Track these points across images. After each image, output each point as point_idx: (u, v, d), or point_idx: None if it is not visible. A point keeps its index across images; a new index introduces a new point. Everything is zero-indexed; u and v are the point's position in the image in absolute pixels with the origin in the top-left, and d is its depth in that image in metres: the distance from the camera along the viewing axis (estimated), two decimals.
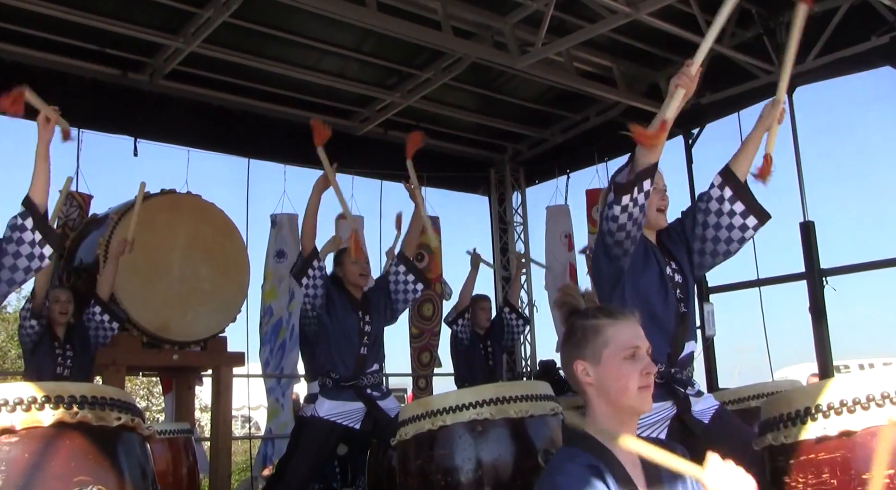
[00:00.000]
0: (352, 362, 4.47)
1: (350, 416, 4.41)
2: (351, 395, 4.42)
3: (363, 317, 4.57)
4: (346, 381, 4.43)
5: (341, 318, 4.52)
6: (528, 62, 6.50)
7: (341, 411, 4.40)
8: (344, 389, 4.42)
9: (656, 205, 2.94)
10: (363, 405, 4.42)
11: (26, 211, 2.88)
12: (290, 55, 6.95)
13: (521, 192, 9.45)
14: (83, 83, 6.50)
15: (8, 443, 1.96)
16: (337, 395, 4.41)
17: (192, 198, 5.95)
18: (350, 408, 4.41)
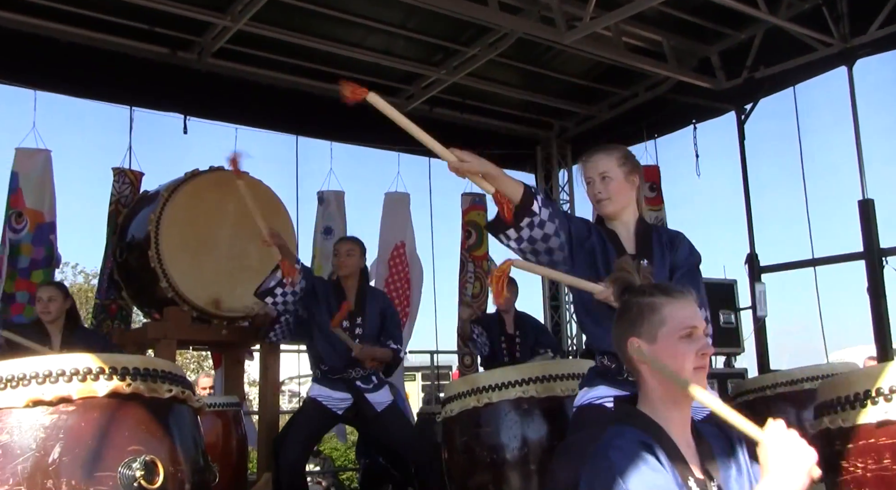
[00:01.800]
0: (342, 359, 4.68)
1: (335, 403, 4.69)
2: (340, 385, 4.67)
3: (354, 317, 4.72)
4: (335, 373, 4.69)
5: (327, 318, 4.64)
6: (575, 37, 6.40)
7: (328, 396, 4.68)
8: (333, 380, 4.69)
9: (591, 199, 2.90)
10: (350, 396, 4.66)
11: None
12: (336, 32, 6.95)
13: (568, 169, 9.35)
14: (134, 62, 6.59)
15: (66, 412, 2.01)
16: (327, 384, 4.70)
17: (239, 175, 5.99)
18: (336, 396, 4.67)
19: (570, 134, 9.18)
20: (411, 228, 8.19)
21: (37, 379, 2.02)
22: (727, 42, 7.40)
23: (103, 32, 6.36)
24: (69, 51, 6.27)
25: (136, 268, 5.56)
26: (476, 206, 8.63)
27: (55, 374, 2.02)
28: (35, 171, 6.22)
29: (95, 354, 2.13)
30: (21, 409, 1.99)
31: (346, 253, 4.84)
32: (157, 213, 5.39)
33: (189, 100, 6.94)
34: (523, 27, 6.65)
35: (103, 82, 6.59)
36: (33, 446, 1.96)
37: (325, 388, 4.68)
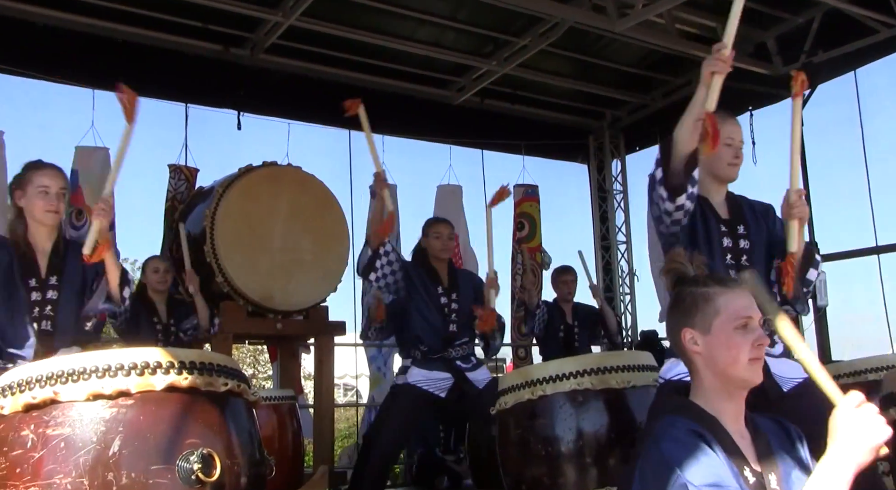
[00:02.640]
0: (439, 337, 4.56)
1: (436, 384, 4.48)
2: (439, 365, 4.50)
3: (449, 294, 4.62)
4: (435, 353, 4.52)
5: (424, 297, 4.58)
6: (627, 25, 6.31)
7: (429, 379, 4.48)
8: (432, 361, 4.51)
9: (728, 159, 2.85)
10: (451, 376, 4.49)
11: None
12: (386, 26, 6.96)
13: (621, 159, 9.24)
14: (188, 59, 6.70)
15: (125, 405, 2.04)
16: (426, 365, 4.50)
17: (292, 170, 6.04)
18: (437, 377, 4.48)
19: (623, 123, 9.07)
20: (464, 220, 8.18)
21: (96, 373, 2.05)
22: (784, 26, 7.20)
23: (158, 30, 6.47)
24: (125, 49, 6.41)
25: (192, 263, 5.64)
26: (529, 197, 8.59)
27: (114, 368, 2.05)
28: (94, 169, 6.35)
29: (152, 349, 2.15)
30: (82, 402, 2.03)
31: (448, 236, 4.74)
32: (211, 208, 5.46)
33: (242, 96, 7.02)
34: (575, 16, 6.57)
35: (158, 80, 6.70)
36: (94, 439, 1.99)
37: (423, 371, 4.48)
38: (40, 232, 3.12)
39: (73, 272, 3.12)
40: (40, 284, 3.06)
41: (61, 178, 3.16)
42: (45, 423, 2.02)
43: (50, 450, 1.98)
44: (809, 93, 7.38)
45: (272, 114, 7.37)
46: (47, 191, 3.08)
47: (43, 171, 3.12)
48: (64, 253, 3.13)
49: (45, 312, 3.03)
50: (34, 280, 3.05)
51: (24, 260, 3.05)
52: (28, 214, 3.11)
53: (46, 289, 3.06)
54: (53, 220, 3.11)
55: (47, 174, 3.11)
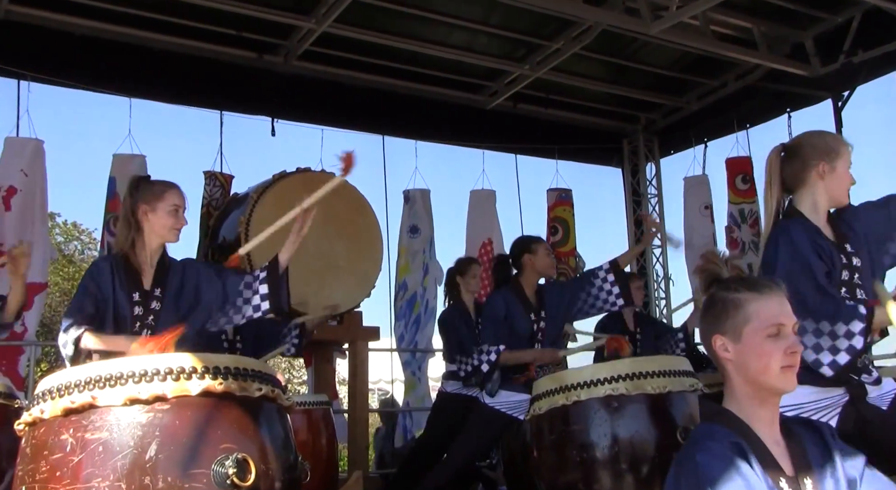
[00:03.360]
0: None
1: (516, 407, 4.37)
2: (520, 386, 4.35)
3: (538, 317, 4.44)
4: (515, 372, 4.37)
5: (511, 322, 4.41)
6: (661, 27, 6.26)
7: (509, 401, 4.36)
8: (511, 381, 4.37)
9: (848, 184, 2.74)
10: (530, 397, 4.35)
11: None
12: (418, 31, 6.98)
13: (656, 162, 9.16)
14: (222, 67, 6.77)
15: (161, 410, 2.05)
16: (506, 386, 4.37)
17: (326, 176, 6.06)
18: (517, 399, 4.36)
19: (658, 126, 8.99)
20: (498, 225, 8.17)
21: (133, 378, 2.06)
22: (822, 26, 7.09)
23: (193, 39, 6.56)
24: (161, 58, 6.50)
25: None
26: (562, 201, 8.56)
27: (150, 373, 2.07)
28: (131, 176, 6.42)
29: (187, 355, 2.17)
30: (119, 407, 2.04)
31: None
32: (246, 214, 5.51)
33: (276, 102, 7.09)
34: (608, 19, 6.54)
35: (194, 88, 6.79)
36: (131, 444, 2.01)
37: (503, 392, 4.35)
38: (153, 246, 3.21)
39: (174, 285, 3.20)
40: (144, 296, 3.12)
41: (184, 197, 3.28)
42: (84, 427, 2.04)
43: (88, 454, 2.00)
44: (849, 94, 7.27)
45: (306, 120, 7.41)
46: (178, 209, 3.20)
47: (174, 191, 3.23)
48: (168, 267, 3.23)
49: (146, 322, 3.10)
50: (137, 293, 3.11)
51: (130, 274, 3.13)
52: (149, 229, 3.19)
53: (151, 299, 3.14)
54: (177, 238, 3.24)
55: (178, 194, 3.22)
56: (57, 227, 17.07)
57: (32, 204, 6.10)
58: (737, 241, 7.94)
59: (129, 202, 3.21)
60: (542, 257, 4.49)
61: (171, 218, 3.17)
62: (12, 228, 6.00)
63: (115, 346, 2.96)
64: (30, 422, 2.15)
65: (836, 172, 2.70)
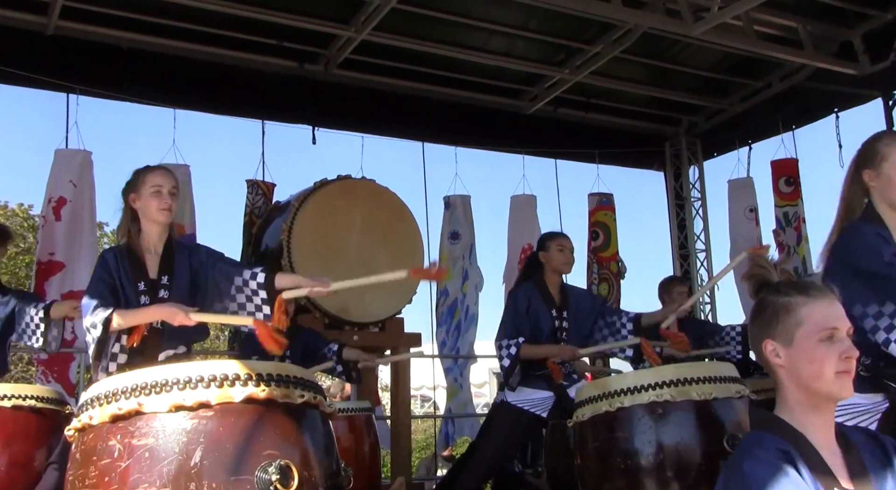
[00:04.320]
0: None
1: (539, 404, 4.35)
2: (541, 383, 4.35)
3: (560, 314, 4.44)
4: (537, 370, 4.36)
5: (536, 324, 4.42)
6: (703, 29, 6.19)
7: (529, 399, 4.35)
8: (534, 378, 4.36)
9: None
10: (552, 394, 4.34)
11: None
12: (457, 37, 6.99)
13: (699, 165, 9.05)
14: (264, 77, 6.87)
15: (205, 417, 2.07)
16: (527, 383, 4.36)
17: (366, 182, 6.11)
18: (539, 396, 4.35)
19: (700, 129, 8.89)
20: (539, 230, 8.13)
21: (178, 385, 2.09)
22: (871, 23, 6.94)
23: (235, 49, 6.66)
24: (204, 69, 6.61)
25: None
26: (603, 206, 8.50)
27: (194, 380, 2.09)
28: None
29: (229, 362, 2.18)
30: (165, 413, 2.06)
31: (571, 249, 4.55)
32: (288, 222, 5.56)
33: (316, 111, 7.15)
34: (648, 21, 6.48)
35: (236, 98, 6.89)
36: (176, 450, 2.03)
37: (523, 389, 4.34)
38: (153, 233, 3.20)
39: (182, 272, 3.18)
40: (150, 286, 3.12)
41: (172, 177, 3.24)
42: (131, 433, 2.06)
43: (135, 459, 2.03)
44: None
45: (346, 128, 7.48)
46: (160, 190, 3.17)
47: (155, 172, 3.22)
48: (174, 253, 3.20)
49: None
50: (143, 283, 3.12)
51: (134, 264, 3.13)
52: (143, 215, 3.20)
53: (157, 289, 3.13)
54: (167, 218, 3.19)
55: (159, 174, 3.21)
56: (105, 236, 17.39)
57: (81, 214, 6.23)
58: (782, 245, 7.81)
59: (124, 195, 3.24)
60: (553, 254, 4.49)
61: (154, 199, 3.15)
62: (63, 238, 6.14)
63: (148, 316, 2.99)
64: (79, 428, 2.19)
65: (881, 176, 2.64)
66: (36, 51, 6.07)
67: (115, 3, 6.06)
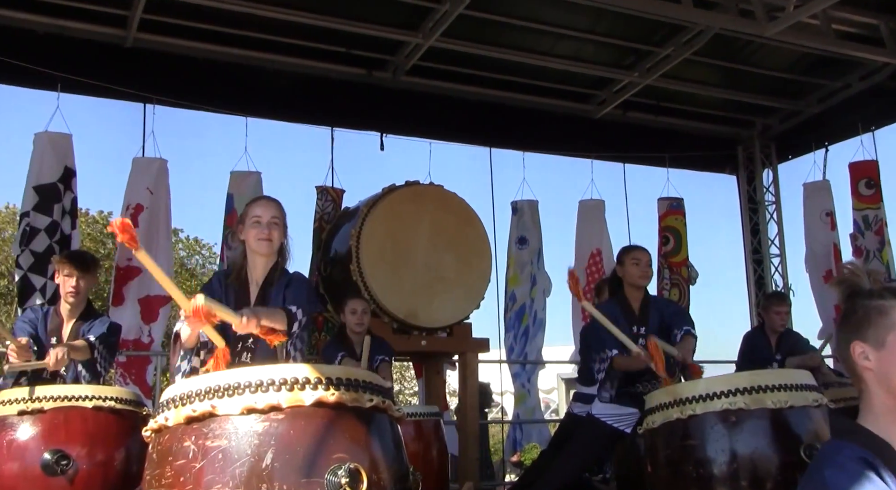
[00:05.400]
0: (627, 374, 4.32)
1: (623, 420, 4.30)
2: (626, 399, 4.29)
3: (638, 330, 4.37)
4: (621, 387, 4.33)
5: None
6: (778, 29, 6.04)
7: (615, 414, 4.31)
8: (618, 394, 4.32)
9: None
10: (637, 411, 4.19)
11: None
12: (525, 42, 6.97)
13: (773, 169, 8.84)
14: (333, 84, 6.97)
15: (276, 419, 2.10)
16: (612, 399, 4.32)
17: (434, 188, 6.14)
18: (624, 412, 4.29)
19: (775, 132, 8.69)
20: (607, 235, 8.06)
21: (250, 388, 2.12)
22: None
23: (305, 58, 6.77)
24: (275, 78, 6.75)
25: (339, 281, 5.81)
26: (673, 210, 8.36)
27: (266, 383, 2.12)
28: (248, 192, 6.67)
29: (300, 365, 2.21)
30: (237, 416, 2.10)
31: (647, 263, 4.45)
32: (357, 228, 5.61)
33: (385, 117, 7.22)
34: (720, 22, 6.36)
35: (306, 105, 7.00)
36: (248, 452, 2.06)
37: (611, 405, 4.30)
38: (257, 263, 3.19)
39: (275, 301, 3.11)
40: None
41: (273, 207, 3.20)
42: (205, 435, 2.11)
43: (209, 461, 2.07)
44: None
45: (414, 134, 7.52)
46: (259, 220, 3.15)
47: (256, 203, 3.23)
48: (272, 286, 3.15)
49: (246, 344, 3.05)
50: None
51: (239, 293, 3.13)
52: (248, 247, 3.21)
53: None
54: (266, 249, 3.15)
55: (260, 205, 3.20)
56: (180, 242, 17.87)
57: (157, 220, 6.41)
58: (861, 249, 7.57)
59: (236, 227, 3.27)
60: (628, 268, 4.42)
61: (253, 229, 3.14)
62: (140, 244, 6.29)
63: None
64: (155, 429, 2.25)
65: None
66: (116, 63, 6.28)
67: (190, 15, 6.22)
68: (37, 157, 6.11)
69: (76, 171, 6.22)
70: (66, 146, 6.20)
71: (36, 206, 5.96)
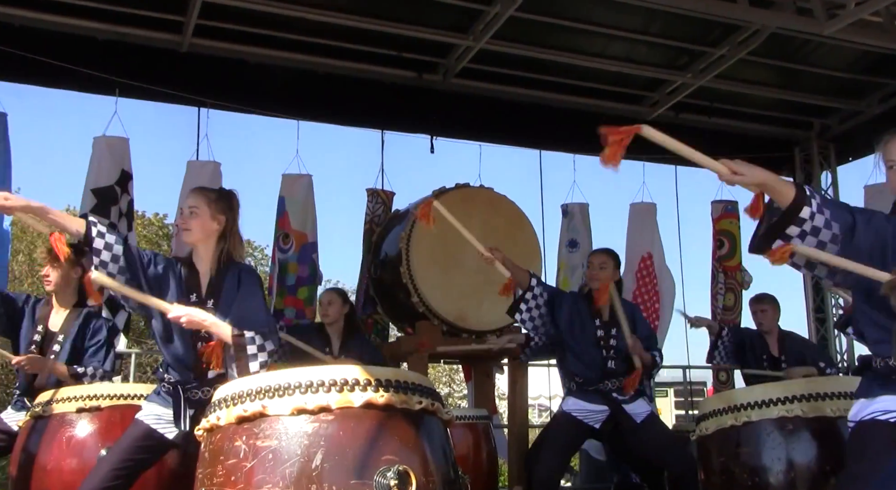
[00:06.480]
0: (596, 369, 4.51)
1: (592, 416, 4.48)
2: (595, 397, 4.47)
3: (609, 329, 4.56)
4: (590, 384, 4.50)
5: (578, 333, 4.55)
6: (837, 27, 5.89)
7: (584, 409, 4.48)
8: (588, 392, 4.50)
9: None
10: (607, 407, 4.44)
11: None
12: (576, 44, 6.92)
13: (832, 171, 8.63)
14: (383, 87, 6.99)
15: (325, 420, 2.11)
16: (581, 396, 4.51)
17: (484, 191, 6.11)
18: (592, 408, 4.46)
19: (833, 132, 8.48)
20: (659, 239, 7.95)
21: (300, 389, 2.14)
22: None
23: (355, 61, 6.81)
24: (326, 81, 6.80)
25: (390, 284, 5.82)
26: (728, 213, 8.21)
27: (315, 384, 2.14)
28: (299, 195, 6.74)
29: (350, 367, 2.22)
30: (287, 416, 2.12)
31: (598, 265, 4.64)
32: (407, 231, 5.62)
33: (435, 120, 7.23)
34: (777, 21, 6.24)
35: (356, 108, 7.05)
36: (298, 452, 2.08)
37: (580, 401, 4.50)
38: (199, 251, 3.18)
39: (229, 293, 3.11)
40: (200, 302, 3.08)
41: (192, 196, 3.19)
42: (256, 434, 2.13)
43: (260, 460, 2.09)
44: None
45: (464, 136, 7.52)
46: (182, 210, 3.27)
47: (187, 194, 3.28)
48: (223, 275, 3.15)
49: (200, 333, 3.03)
50: (195, 295, 3.10)
51: (189, 280, 3.13)
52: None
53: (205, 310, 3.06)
54: (186, 238, 3.18)
55: (184, 195, 3.28)
56: None
57: None
58: None
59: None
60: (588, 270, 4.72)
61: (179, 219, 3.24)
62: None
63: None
64: (208, 428, 2.28)
65: None
66: (171, 68, 6.39)
67: (243, 20, 6.30)
68: (95, 161, 6.25)
69: (133, 174, 6.35)
70: (123, 150, 6.33)
71: (94, 209, 6.09)
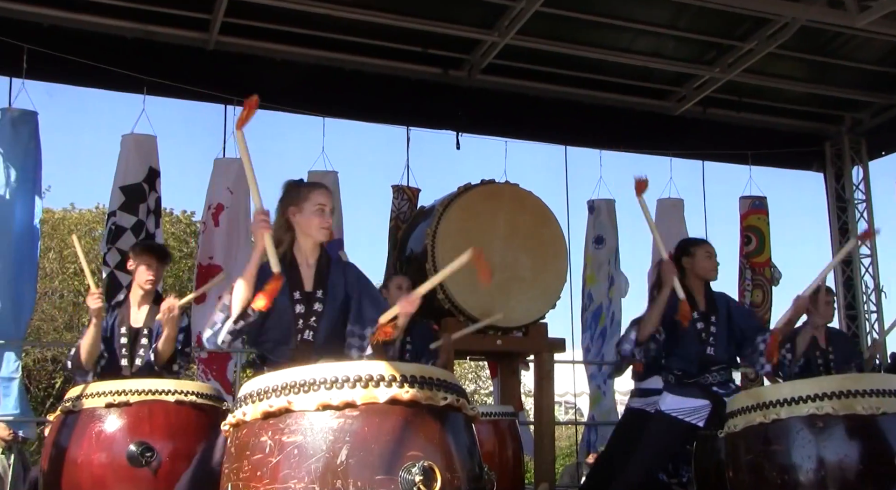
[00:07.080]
0: (695, 361, 4.22)
1: (694, 413, 4.15)
2: (695, 391, 4.17)
3: (707, 318, 4.26)
4: (690, 377, 4.21)
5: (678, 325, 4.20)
6: (870, 19, 5.81)
7: (685, 407, 4.16)
8: (687, 386, 4.20)
9: None
10: (709, 402, 4.12)
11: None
12: (602, 38, 6.88)
13: (863, 165, 8.50)
14: (409, 84, 7.00)
15: (351, 416, 2.11)
16: (681, 391, 4.20)
17: (510, 187, 6.10)
18: (694, 405, 4.15)
19: (865, 127, 8.37)
20: (686, 234, 7.88)
21: (325, 384, 2.14)
22: None
23: (381, 58, 6.82)
24: (352, 78, 6.81)
25: (415, 281, 5.81)
26: (756, 209, 8.14)
27: (341, 380, 2.14)
28: None
29: (375, 363, 2.22)
30: (313, 412, 2.12)
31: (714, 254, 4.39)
32: (432, 227, 5.62)
33: (460, 116, 7.21)
34: (807, 14, 6.15)
35: (382, 105, 7.06)
36: (323, 448, 2.07)
37: (678, 398, 4.18)
38: (307, 246, 3.21)
39: (337, 288, 3.19)
40: (305, 297, 3.14)
41: (332, 196, 3.28)
42: (281, 430, 2.13)
43: (285, 456, 2.09)
44: None
45: (489, 132, 7.50)
46: (324, 209, 3.19)
47: (320, 191, 3.24)
48: (328, 268, 3.22)
49: (308, 323, 3.10)
50: (298, 292, 3.13)
51: (290, 273, 3.13)
52: (300, 229, 3.21)
53: (313, 301, 3.14)
54: (327, 237, 3.22)
55: (324, 193, 3.22)
56: None
57: (238, 220, 6.53)
58: None
59: (280, 206, 3.24)
60: (700, 261, 4.30)
61: (316, 217, 3.15)
62: (221, 244, 6.46)
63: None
64: (234, 423, 2.28)
65: None
66: (198, 65, 6.43)
67: (269, 18, 6.33)
68: (123, 158, 6.32)
69: (160, 171, 6.40)
70: (150, 147, 6.39)
71: (122, 206, 6.15)
